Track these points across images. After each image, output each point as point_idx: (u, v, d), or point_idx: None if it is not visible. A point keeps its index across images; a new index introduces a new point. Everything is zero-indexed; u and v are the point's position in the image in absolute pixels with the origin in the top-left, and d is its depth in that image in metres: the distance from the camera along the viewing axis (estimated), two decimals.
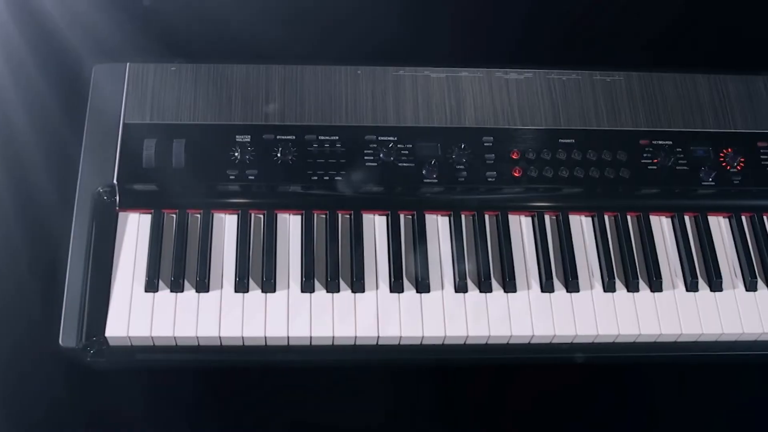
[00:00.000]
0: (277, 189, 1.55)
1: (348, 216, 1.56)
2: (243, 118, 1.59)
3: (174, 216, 1.53)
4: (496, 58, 1.68)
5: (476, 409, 1.53)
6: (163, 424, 1.46)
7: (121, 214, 1.53)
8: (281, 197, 1.55)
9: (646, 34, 1.76)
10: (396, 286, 1.50)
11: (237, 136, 1.57)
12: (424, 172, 1.57)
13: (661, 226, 1.62)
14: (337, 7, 1.69)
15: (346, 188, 1.55)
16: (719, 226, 1.63)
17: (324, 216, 1.55)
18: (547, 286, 1.53)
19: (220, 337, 1.46)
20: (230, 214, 1.55)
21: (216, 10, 1.67)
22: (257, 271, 1.50)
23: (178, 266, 1.48)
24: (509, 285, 1.52)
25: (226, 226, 1.54)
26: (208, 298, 1.48)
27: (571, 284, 1.53)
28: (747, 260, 1.59)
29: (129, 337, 1.44)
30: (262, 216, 1.55)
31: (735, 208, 1.64)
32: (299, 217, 1.55)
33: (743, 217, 1.64)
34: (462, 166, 1.58)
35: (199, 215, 1.54)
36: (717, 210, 1.64)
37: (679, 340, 1.54)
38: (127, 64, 1.61)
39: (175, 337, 1.45)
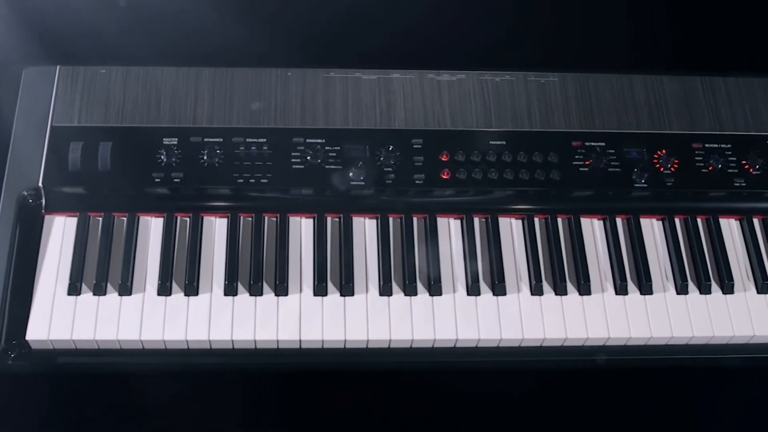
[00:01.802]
0: (203, 192, 1.55)
1: (275, 219, 1.55)
2: (171, 120, 1.58)
3: (100, 219, 1.53)
4: (429, 59, 1.66)
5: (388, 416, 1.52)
6: (85, 428, 1.46)
7: (47, 217, 1.53)
8: (208, 200, 1.55)
9: (583, 36, 1.74)
10: (319, 290, 1.50)
11: (164, 139, 1.57)
12: (351, 174, 1.57)
13: (593, 228, 1.61)
14: (269, 9, 1.67)
15: (272, 190, 1.55)
16: (652, 228, 1.62)
17: (250, 219, 1.55)
18: (473, 290, 1.52)
19: (141, 341, 1.46)
20: (156, 216, 1.55)
21: (149, 13, 1.66)
22: (181, 274, 1.50)
23: (101, 269, 1.48)
24: (434, 288, 1.51)
25: (152, 228, 1.54)
26: (131, 301, 1.48)
27: (498, 288, 1.52)
28: (679, 263, 1.57)
29: (50, 341, 1.45)
30: (188, 219, 1.54)
31: (668, 210, 1.62)
32: (225, 220, 1.55)
33: (677, 220, 1.62)
34: (390, 168, 1.58)
35: (124, 218, 1.54)
36: (650, 212, 1.62)
37: (607, 344, 1.53)
38: (58, 67, 1.61)
39: (96, 341, 1.45)
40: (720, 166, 1.64)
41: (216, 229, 1.55)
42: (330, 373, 1.51)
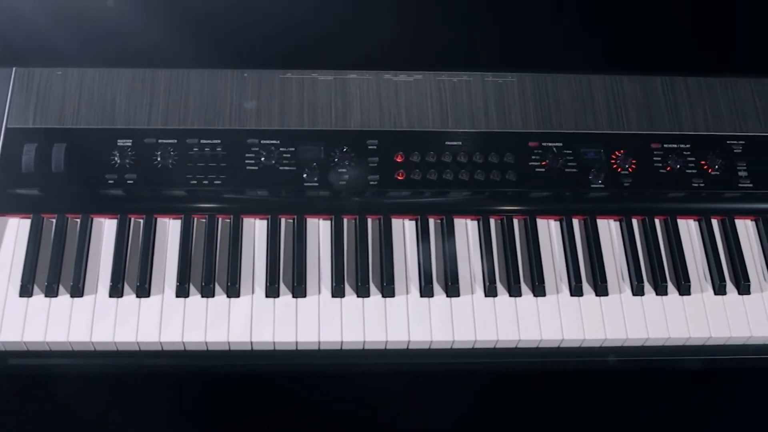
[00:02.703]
0: (157, 193, 1.55)
1: (228, 220, 1.55)
2: (126, 122, 1.58)
3: (53, 221, 1.53)
4: (387, 60, 1.65)
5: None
6: (35, 429, 1.47)
7: (0, 219, 1.53)
8: (161, 201, 1.55)
9: (543, 35, 1.73)
10: (271, 291, 1.49)
11: (119, 140, 1.57)
12: (305, 175, 1.56)
13: (549, 230, 1.60)
14: (228, 11, 1.67)
15: (226, 192, 1.55)
16: (609, 229, 1.61)
17: (204, 220, 1.55)
18: (426, 291, 1.51)
19: (92, 342, 1.45)
20: (109, 218, 1.55)
21: (105, 15, 1.66)
22: (133, 275, 1.49)
23: (53, 271, 1.48)
24: (387, 290, 1.50)
25: (105, 230, 1.54)
26: (82, 303, 1.48)
27: (451, 289, 1.51)
28: (635, 264, 1.56)
29: (1, 342, 1.45)
30: (141, 220, 1.54)
31: (626, 211, 1.61)
32: (179, 221, 1.55)
33: (634, 220, 1.61)
34: (344, 170, 1.57)
35: (78, 220, 1.54)
36: (607, 213, 1.61)
37: (562, 345, 1.52)
38: (13, 68, 1.61)
39: (47, 342, 1.45)
40: (678, 166, 1.62)
41: (169, 230, 1.55)
42: (281, 375, 1.50)
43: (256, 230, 1.56)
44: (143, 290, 1.48)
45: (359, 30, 1.67)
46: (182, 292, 1.48)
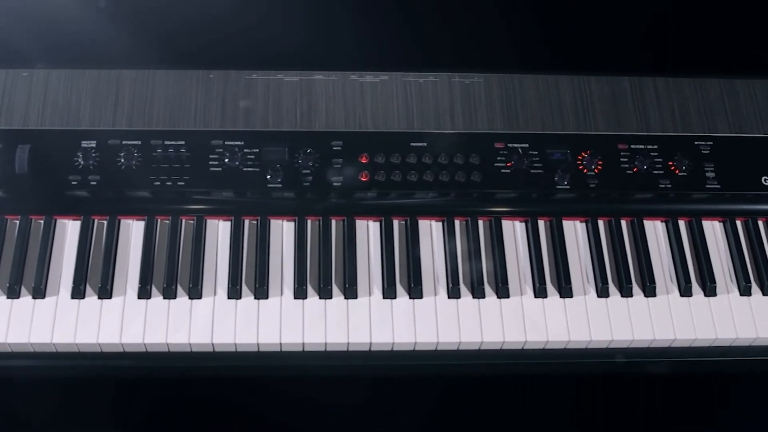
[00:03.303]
0: (120, 194, 1.55)
1: (191, 222, 1.55)
2: (90, 123, 1.58)
3: (17, 222, 1.53)
4: (354, 61, 1.65)
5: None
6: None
7: None
8: (125, 203, 1.55)
9: (510, 36, 1.72)
10: (233, 293, 1.49)
11: (83, 142, 1.56)
12: (268, 176, 1.56)
13: (514, 231, 1.59)
14: (194, 12, 1.67)
15: (189, 193, 1.54)
16: (575, 230, 1.60)
17: (167, 222, 1.55)
18: (388, 293, 1.51)
19: (53, 344, 1.45)
20: (73, 219, 1.55)
21: (73, 16, 1.66)
22: (96, 277, 1.49)
23: (15, 272, 1.48)
24: (350, 291, 1.50)
25: (68, 231, 1.54)
26: (44, 304, 1.48)
27: (414, 290, 1.51)
28: (600, 265, 1.56)
29: None
30: (105, 221, 1.54)
31: (592, 212, 1.60)
32: (142, 222, 1.55)
33: (600, 222, 1.60)
34: (308, 171, 1.57)
35: (41, 221, 1.54)
36: (573, 214, 1.60)
37: (525, 347, 1.51)
38: None
39: (8, 344, 1.45)
40: (645, 167, 1.62)
41: (132, 231, 1.55)
42: (244, 377, 1.50)
43: (219, 231, 1.55)
44: (105, 291, 1.48)
45: (326, 31, 1.67)
46: (144, 293, 1.48)
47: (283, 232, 1.56)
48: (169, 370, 1.49)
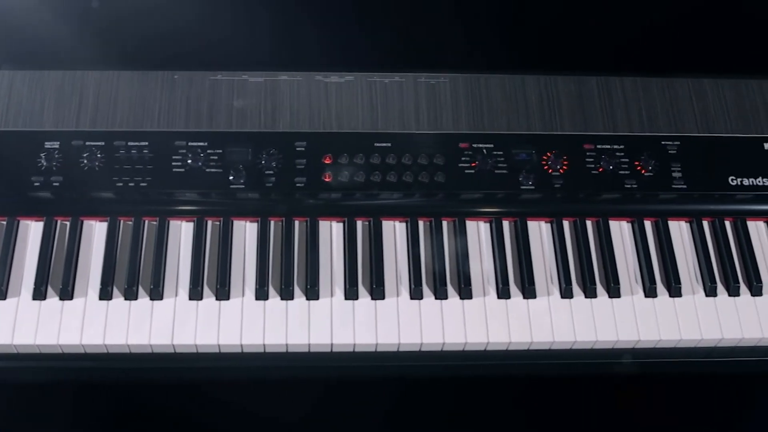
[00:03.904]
0: (83, 196, 1.55)
1: (154, 223, 1.55)
2: (54, 124, 1.58)
3: None
4: (319, 61, 1.65)
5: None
6: None
7: None
8: (88, 204, 1.55)
9: (476, 35, 1.71)
10: (194, 294, 1.49)
11: (46, 143, 1.56)
12: (231, 177, 1.56)
13: (478, 232, 1.59)
14: (159, 13, 1.67)
15: (152, 194, 1.54)
16: (540, 231, 1.59)
17: (130, 223, 1.54)
18: (351, 294, 1.50)
19: (14, 345, 1.45)
20: (35, 221, 1.55)
21: (37, 18, 1.66)
22: (58, 278, 1.49)
23: None
24: (311, 292, 1.50)
25: (31, 233, 1.54)
26: (5, 305, 1.48)
27: (376, 291, 1.50)
28: (564, 266, 1.55)
29: None
30: (67, 223, 1.54)
31: (557, 213, 1.59)
32: (105, 224, 1.54)
33: (565, 222, 1.60)
34: (271, 171, 1.57)
35: (4, 222, 1.54)
36: (538, 215, 1.60)
37: (488, 348, 1.51)
38: None
39: None
40: (611, 167, 1.61)
41: (95, 233, 1.55)
42: (204, 379, 1.50)
43: (182, 232, 1.55)
44: (66, 293, 1.48)
45: (291, 31, 1.66)
46: (105, 294, 1.48)
47: (245, 233, 1.56)
48: (131, 372, 1.49)
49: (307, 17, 1.67)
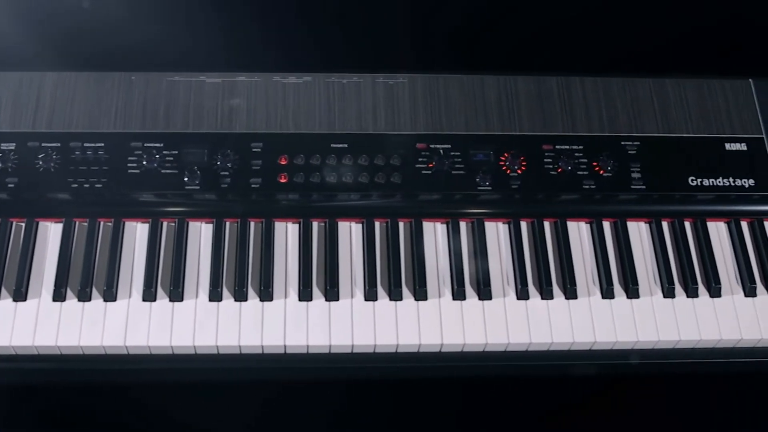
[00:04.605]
0: (38, 197, 1.54)
1: (109, 224, 1.55)
2: (10, 125, 1.58)
3: None
4: (277, 62, 1.64)
5: None
6: None
7: None
8: (42, 205, 1.55)
9: (435, 35, 1.71)
10: (148, 295, 1.49)
11: (2, 144, 1.56)
12: (186, 178, 1.55)
13: (435, 233, 1.58)
14: (116, 14, 1.67)
15: (108, 196, 1.54)
16: (497, 232, 1.59)
17: (85, 224, 1.54)
18: (304, 295, 1.50)
19: None
20: None
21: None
22: (11, 279, 1.49)
23: None
24: (265, 294, 1.49)
25: None
26: None
27: (330, 293, 1.50)
28: (521, 267, 1.54)
29: None
30: (23, 224, 1.54)
31: (514, 214, 1.59)
32: (60, 225, 1.54)
33: (523, 223, 1.59)
34: (226, 173, 1.56)
35: None
36: (495, 216, 1.59)
37: (443, 350, 1.50)
38: None
39: None
40: (570, 168, 1.60)
41: (50, 234, 1.54)
42: (157, 381, 1.49)
43: (137, 234, 1.55)
44: (20, 294, 1.48)
45: (250, 32, 1.66)
46: (59, 296, 1.48)
47: (201, 234, 1.56)
48: (83, 373, 1.48)
49: (265, 17, 1.67)
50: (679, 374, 1.53)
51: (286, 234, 1.56)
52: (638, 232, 1.61)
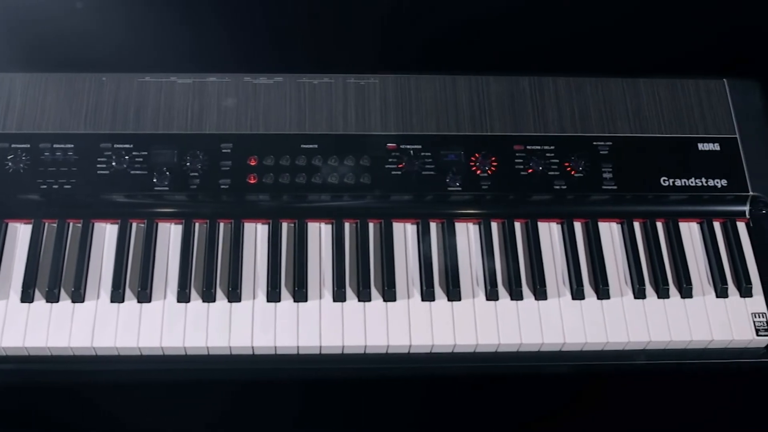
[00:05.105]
0: (7, 198, 1.54)
1: (78, 225, 1.55)
2: None
3: None
4: (249, 63, 1.64)
5: None
6: None
7: None
8: (11, 206, 1.54)
9: (409, 35, 1.70)
10: (116, 296, 1.49)
11: None
12: (155, 179, 1.55)
13: (405, 233, 1.57)
14: (87, 15, 1.67)
15: (77, 197, 1.54)
16: (467, 232, 1.58)
17: (54, 225, 1.54)
18: (272, 296, 1.50)
19: None
20: None
21: None
22: None
23: None
24: (233, 295, 1.49)
25: None
26: None
27: (299, 294, 1.50)
28: (491, 268, 1.53)
29: None
30: None
31: (485, 214, 1.58)
32: (29, 226, 1.54)
33: (493, 223, 1.58)
34: (196, 173, 1.56)
35: None
36: (465, 216, 1.58)
37: (411, 351, 1.50)
38: None
39: None
40: (540, 168, 1.60)
41: (19, 235, 1.54)
42: (125, 382, 1.49)
43: (106, 234, 1.55)
44: None
45: (220, 33, 1.66)
46: (27, 297, 1.48)
47: (170, 235, 1.55)
48: (52, 374, 1.48)
49: (236, 18, 1.66)
50: (650, 375, 1.52)
51: (256, 235, 1.56)
52: (610, 232, 1.60)
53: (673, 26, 1.73)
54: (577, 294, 1.53)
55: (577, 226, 1.59)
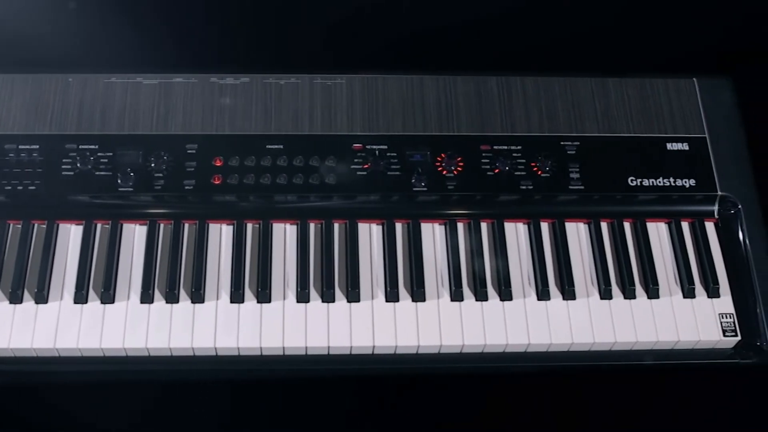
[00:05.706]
0: None
1: (43, 226, 1.55)
2: None
3: None
4: (215, 63, 1.64)
5: None
6: None
7: None
8: None
9: (376, 34, 1.70)
10: (79, 298, 1.48)
11: None
12: (119, 180, 1.55)
13: (370, 234, 1.57)
14: (52, 15, 1.66)
15: (42, 198, 1.54)
16: (433, 233, 1.58)
17: (19, 226, 1.54)
18: (236, 297, 1.49)
19: None
20: None
21: None
22: None
23: None
24: (196, 296, 1.49)
25: None
26: None
27: (262, 295, 1.49)
28: (455, 268, 1.53)
29: None
30: None
31: (450, 215, 1.58)
32: None
33: (459, 224, 1.58)
34: (160, 174, 1.56)
35: None
36: (431, 217, 1.58)
37: (375, 352, 1.49)
38: None
39: None
40: (507, 168, 1.59)
41: None
42: (88, 383, 1.49)
43: (71, 236, 1.55)
44: None
45: (186, 33, 1.66)
46: None
47: (134, 235, 1.55)
48: (14, 375, 1.48)
49: (202, 18, 1.66)
50: (616, 376, 1.52)
51: (220, 236, 1.56)
52: (577, 232, 1.59)
53: (644, 25, 1.73)
54: (543, 294, 1.52)
55: (544, 227, 1.59)
